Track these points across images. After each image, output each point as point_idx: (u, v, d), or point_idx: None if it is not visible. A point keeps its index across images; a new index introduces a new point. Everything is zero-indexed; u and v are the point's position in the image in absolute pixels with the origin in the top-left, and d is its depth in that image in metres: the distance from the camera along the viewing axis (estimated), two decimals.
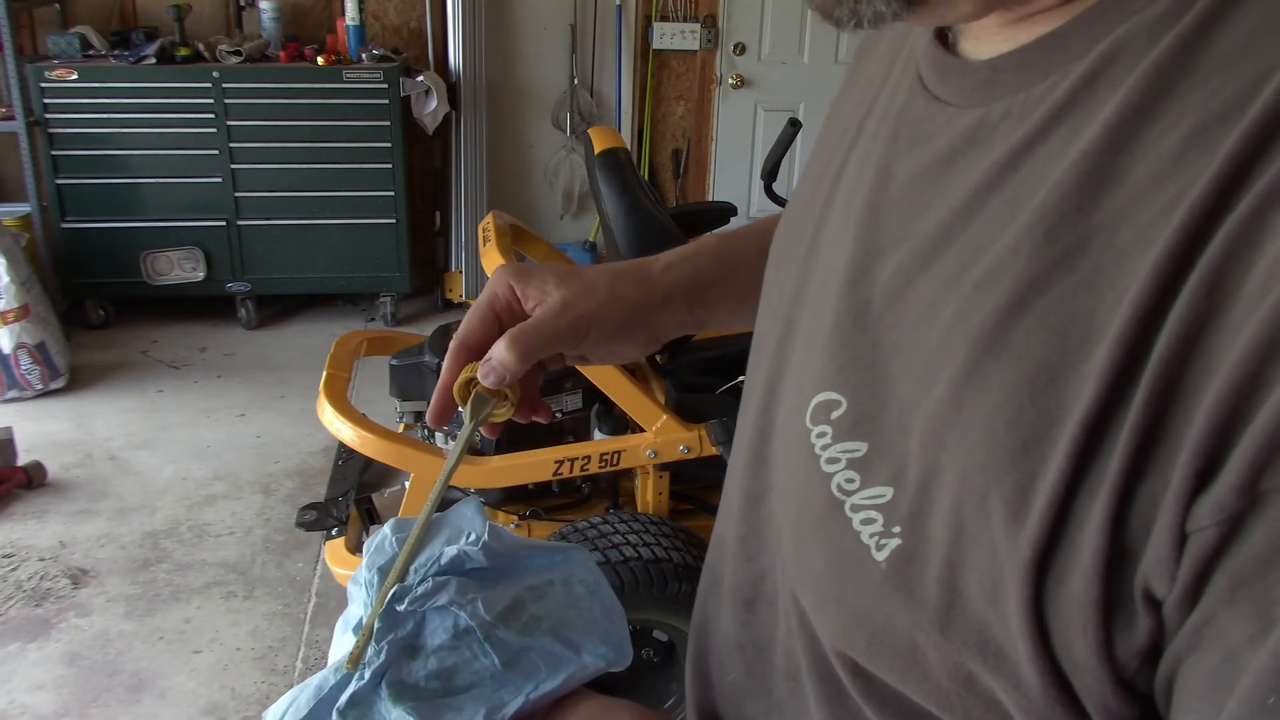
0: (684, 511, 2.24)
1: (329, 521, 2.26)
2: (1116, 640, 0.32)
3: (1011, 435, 0.34)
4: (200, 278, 4.08)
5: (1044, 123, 0.38)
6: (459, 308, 4.52)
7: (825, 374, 0.44)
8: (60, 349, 3.62)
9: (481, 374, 0.63)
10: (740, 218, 4.05)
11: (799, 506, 0.45)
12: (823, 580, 0.43)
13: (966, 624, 0.36)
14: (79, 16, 4.16)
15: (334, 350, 2.27)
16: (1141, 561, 0.31)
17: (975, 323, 0.37)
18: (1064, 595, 0.33)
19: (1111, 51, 0.36)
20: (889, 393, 0.40)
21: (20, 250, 3.58)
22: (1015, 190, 0.38)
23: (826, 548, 0.42)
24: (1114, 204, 0.34)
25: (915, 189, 0.43)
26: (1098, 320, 0.33)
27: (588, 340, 0.65)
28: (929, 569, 0.37)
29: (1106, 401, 0.32)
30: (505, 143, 4.60)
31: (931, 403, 0.38)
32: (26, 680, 2.26)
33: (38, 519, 2.87)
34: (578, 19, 4.49)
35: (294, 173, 4.02)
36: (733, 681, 0.55)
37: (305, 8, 4.35)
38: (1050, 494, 0.33)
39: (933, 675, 0.38)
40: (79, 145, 3.88)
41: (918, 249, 0.41)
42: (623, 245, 2.09)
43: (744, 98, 4.75)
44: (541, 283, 0.65)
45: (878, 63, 0.54)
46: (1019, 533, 0.34)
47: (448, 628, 0.52)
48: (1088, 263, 0.34)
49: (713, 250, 0.71)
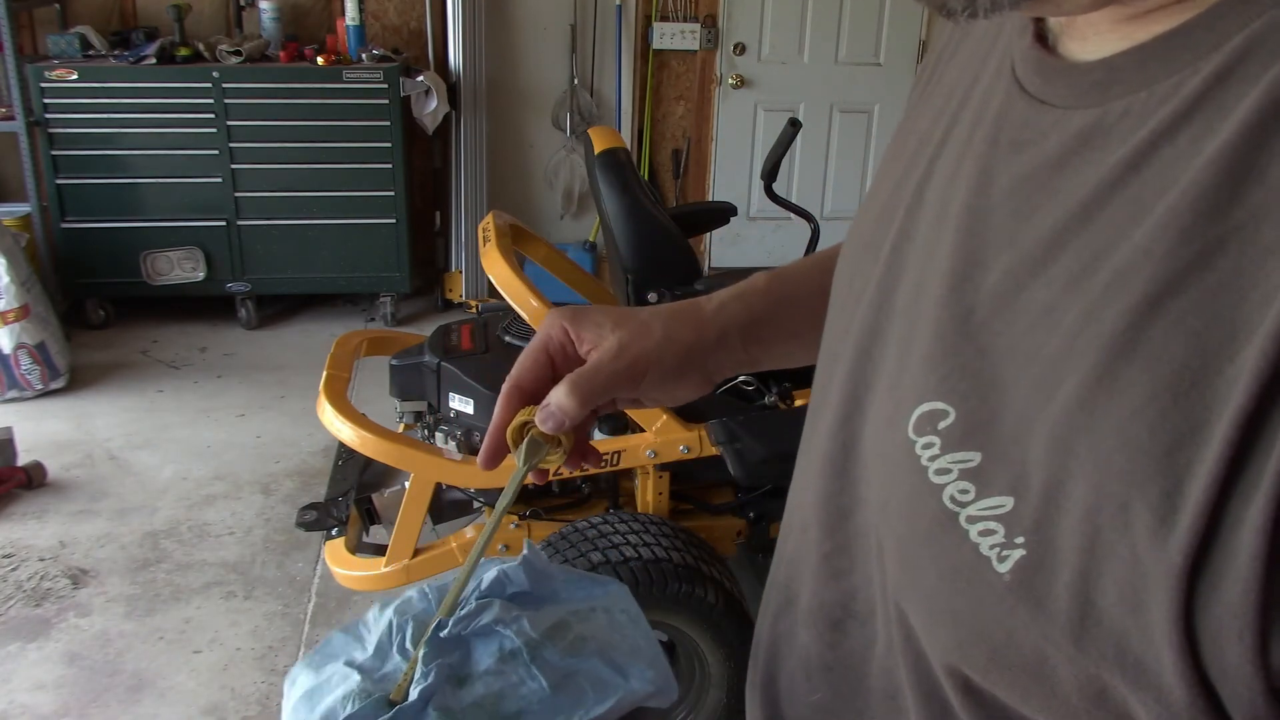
0: (684, 511, 2.24)
1: (329, 521, 2.26)
2: (1273, 646, 0.31)
3: (1155, 440, 0.33)
4: (200, 278, 4.08)
5: (1172, 120, 0.37)
6: (459, 308, 4.52)
7: (929, 384, 0.43)
8: (60, 349, 3.62)
9: (540, 419, 0.62)
10: (740, 218, 4.05)
11: (906, 520, 0.44)
12: (936, 595, 0.42)
13: (1103, 635, 0.35)
14: (79, 16, 4.16)
15: (334, 350, 2.27)
16: None
17: (1106, 326, 0.36)
18: (1217, 602, 0.32)
19: (1245, 48, 0.35)
20: (1002, 400, 0.40)
21: (20, 250, 3.58)
22: (1140, 190, 0.37)
23: (939, 561, 0.41)
24: (1254, 202, 0.33)
25: (1021, 193, 0.42)
26: (1241, 320, 0.32)
27: (644, 383, 0.65)
28: (1058, 579, 0.36)
29: (1260, 401, 0.31)
30: (505, 143, 4.60)
31: (1056, 409, 0.37)
32: (26, 680, 2.26)
33: (38, 519, 2.87)
34: (578, 19, 4.49)
35: (294, 173, 4.02)
36: (816, 703, 0.54)
37: (305, 8, 4.35)
38: (1202, 498, 0.32)
39: (1061, 691, 0.37)
40: (79, 145, 3.89)
41: (1028, 253, 0.41)
42: (623, 245, 2.09)
43: (744, 98, 4.75)
44: (597, 326, 0.64)
45: (960, 70, 0.53)
46: (1168, 539, 0.33)
47: (493, 652, 0.51)
48: (1227, 262, 0.33)
49: (765, 287, 0.71)
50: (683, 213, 2.42)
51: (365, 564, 2.13)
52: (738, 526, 2.25)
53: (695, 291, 2.07)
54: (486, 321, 2.32)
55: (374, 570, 2.11)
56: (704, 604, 1.90)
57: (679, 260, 2.11)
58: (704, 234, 4.69)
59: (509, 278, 2.03)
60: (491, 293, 4.32)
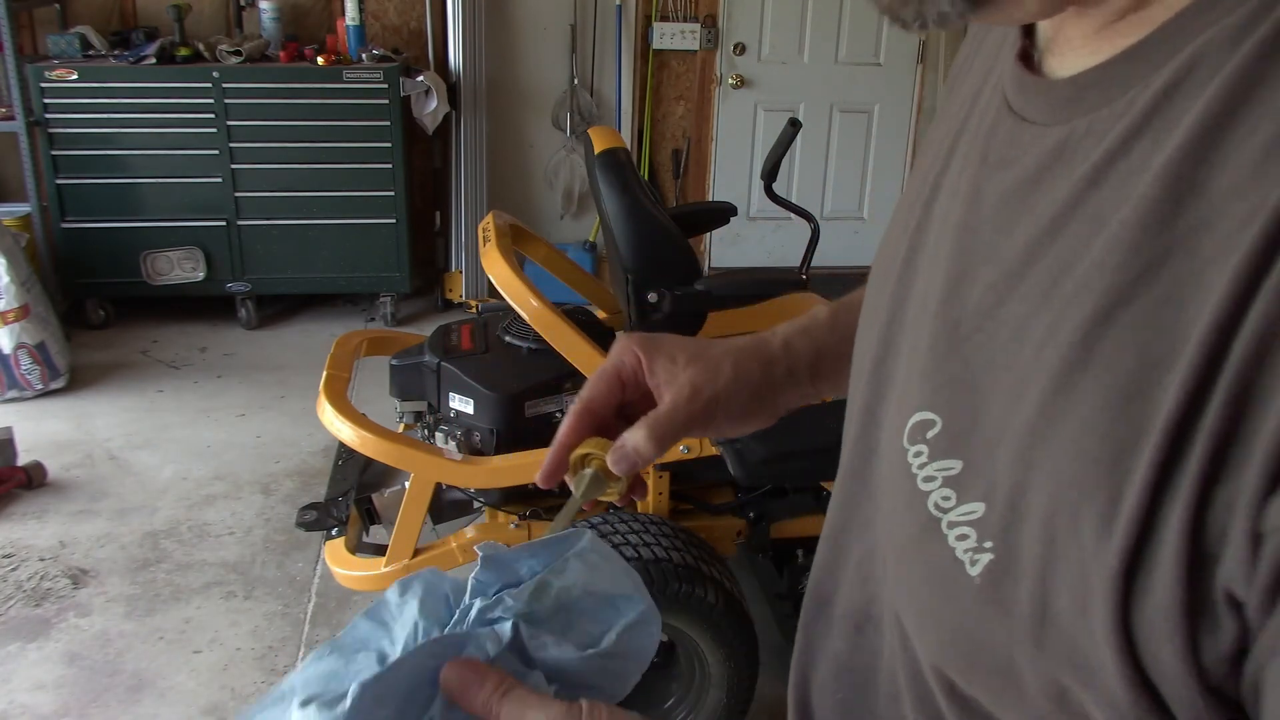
0: (684, 511, 2.24)
1: (329, 521, 2.26)
2: (1202, 645, 0.33)
3: (1104, 448, 0.35)
4: (200, 278, 4.08)
5: (1126, 136, 0.38)
6: (459, 308, 4.52)
7: (922, 394, 0.45)
8: (60, 349, 3.62)
9: (613, 460, 0.63)
10: (740, 218, 4.05)
11: (900, 526, 0.46)
12: (921, 597, 0.44)
13: (1059, 637, 0.36)
14: (79, 16, 4.16)
15: (334, 350, 2.27)
16: (1221, 565, 0.32)
17: (1063, 338, 0.37)
18: (1149, 604, 0.33)
19: (1190, 62, 0.36)
20: (982, 410, 0.41)
21: (20, 250, 3.58)
22: (1099, 206, 0.38)
23: (925, 565, 0.43)
24: (1196, 215, 0.34)
25: (1004, 210, 0.44)
26: (1181, 330, 0.33)
27: (714, 423, 0.66)
28: (1021, 584, 0.38)
29: (1187, 409, 0.32)
30: (505, 143, 4.60)
31: (1021, 419, 0.38)
32: (26, 680, 2.26)
33: (38, 519, 2.87)
34: (578, 19, 4.49)
35: (294, 173, 4.02)
36: (841, 700, 0.56)
37: (305, 8, 4.35)
38: (1135, 503, 0.33)
39: (1028, 694, 0.39)
40: (79, 145, 3.89)
41: (1007, 268, 0.42)
42: (623, 245, 2.09)
43: (744, 98, 4.75)
44: (670, 360, 0.66)
45: (973, 79, 0.54)
46: (1108, 543, 0.34)
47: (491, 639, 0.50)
48: (1170, 274, 0.34)
49: (829, 321, 0.72)
50: (683, 213, 2.42)
51: (365, 564, 2.14)
52: (738, 526, 2.25)
53: (695, 291, 2.07)
54: (486, 321, 2.32)
55: (374, 570, 2.11)
56: (704, 604, 1.90)
57: (679, 260, 2.11)
58: (704, 234, 4.69)
59: (509, 278, 2.03)
60: (491, 293, 4.32)
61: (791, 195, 4.45)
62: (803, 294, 2.19)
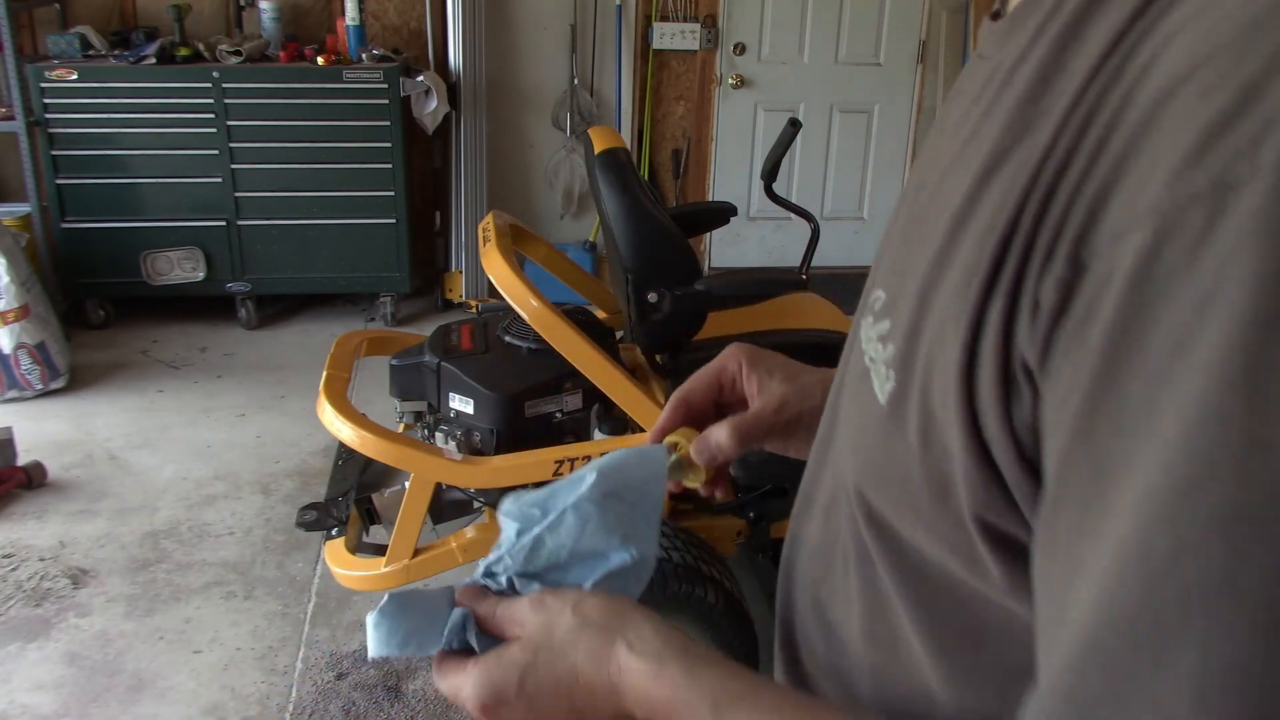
0: (684, 511, 2.24)
1: (329, 521, 2.26)
2: (1014, 415, 0.38)
3: (968, 280, 0.41)
4: (200, 278, 4.08)
5: (1028, 44, 0.43)
6: (459, 308, 4.52)
7: (878, 276, 0.52)
8: (60, 349, 3.62)
9: (696, 450, 0.70)
10: (740, 218, 4.05)
11: (849, 384, 0.54)
12: (853, 429, 0.52)
13: (935, 431, 0.43)
14: (79, 16, 4.16)
15: (334, 350, 2.27)
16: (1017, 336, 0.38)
17: (959, 195, 0.43)
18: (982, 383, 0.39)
19: None
20: (908, 273, 0.47)
21: (20, 250, 3.58)
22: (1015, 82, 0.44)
23: (857, 403, 0.51)
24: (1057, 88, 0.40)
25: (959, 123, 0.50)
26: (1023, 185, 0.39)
27: (794, 439, 0.72)
28: (911, 400, 0.44)
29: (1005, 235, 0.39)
30: (505, 143, 4.60)
31: (924, 268, 0.45)
32: (26, 680, 2.26)
33: (38, 519, 2.87)
34: (578, 19, 4.49)
35: (294, 173, 4.02)
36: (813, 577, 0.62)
37: (305, 8, 4.35)
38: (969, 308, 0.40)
39: (920, 498, 0.45)
40: (79, 145, 3.89)
41: (951, 158, 0.48)
42: (623, 245, 2.09)
43: (744, 98, 4.75)
44: (768, 373, 0.73)
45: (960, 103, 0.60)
46: (957, 336, 0.41)
47: None
48: (1030, 139, 0.40)
49: None
50: (683, 213, 2.42)
51: (365, 564, 2.13)
52: (738, 526, 2.25)
53: (695, 291, 2.07)
54: (486, 321, 2.32)
55: (374, 570, 2.11)
56: (704, 604, 1.90)
57: (679, 260, 2.11)
58: (704, 234, 4.69)
59: (509, 278, 2.03)
60: (491, 293, 4.32)
61: (791, 195, 4.46)
62: (803, 294, 2.19)
